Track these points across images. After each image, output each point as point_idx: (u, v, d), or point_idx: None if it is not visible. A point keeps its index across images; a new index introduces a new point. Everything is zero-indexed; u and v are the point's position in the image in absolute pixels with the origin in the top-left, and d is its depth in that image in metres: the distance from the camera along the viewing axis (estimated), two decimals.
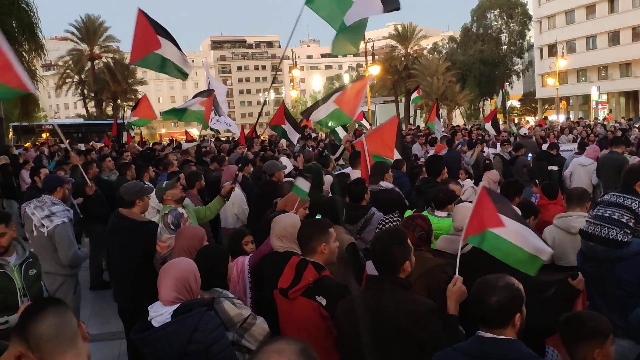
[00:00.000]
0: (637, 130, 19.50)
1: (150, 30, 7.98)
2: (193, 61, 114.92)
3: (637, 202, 4.11)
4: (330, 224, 3.86)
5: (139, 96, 62.66)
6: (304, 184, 5.49)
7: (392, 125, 8.56)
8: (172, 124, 76.53)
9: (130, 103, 60.48)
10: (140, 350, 3.25)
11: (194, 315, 3.13)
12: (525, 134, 15.90)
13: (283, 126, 11.97)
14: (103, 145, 18.95)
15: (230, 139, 25.59)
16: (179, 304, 3.18)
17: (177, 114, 10.72)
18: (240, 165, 8.07)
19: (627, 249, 4.02)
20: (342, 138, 12.93)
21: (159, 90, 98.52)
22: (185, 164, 9.75)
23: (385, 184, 6.78)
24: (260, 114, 10.31)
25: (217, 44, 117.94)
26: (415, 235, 4.00)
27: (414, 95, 22.15)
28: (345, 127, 11.84)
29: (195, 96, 10.79)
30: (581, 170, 10.28)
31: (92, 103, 59.85)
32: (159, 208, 5.94)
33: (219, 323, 3.26)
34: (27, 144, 26.41)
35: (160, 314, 3.19)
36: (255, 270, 4.42)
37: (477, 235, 3.59)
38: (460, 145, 13.69)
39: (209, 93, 10.81)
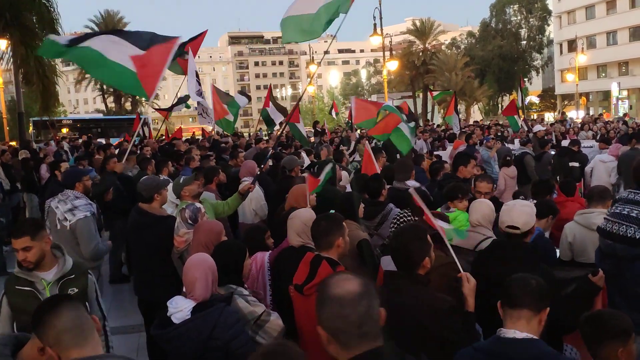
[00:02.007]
0: None
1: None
2: (211, 57, 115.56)
3: None
4: (343, 218, 3.87)
5: (158, 91, 63.11)
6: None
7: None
8: (190, 119, 76.91)
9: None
10: (159, 344, 3.29)
11: (213, 311, 3.15)
12: (538, 130, 15.68)
13: (297, 124, 12.00)
14: (122, 140, 19.12)
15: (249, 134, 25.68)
16: (197, 302, 3.22)
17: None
18: (261, 163, 8.11)
19: None
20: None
21: (176, 86, 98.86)
22: (205, 159, 9.82)
23: (412, 183, 6.78)
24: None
25: (234, 40, 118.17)
26: (430, 233, 4.00)
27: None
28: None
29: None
30: (601, 166, 10.18)
31: (111, 98, 60.31)
32: (177, 202, 5.98)
33: (237, 318, 3.28)
34: (58, 135, 26.69)
35: (180, 309, 3.22)
36: (272, 266, 4.44)
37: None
38: (485, 141, 13.58)
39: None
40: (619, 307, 3.93)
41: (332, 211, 4.71)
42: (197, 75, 10.81)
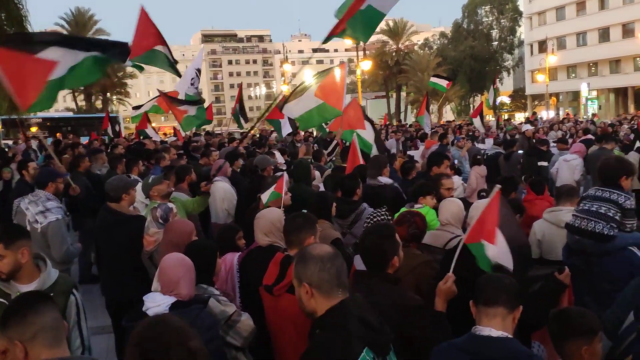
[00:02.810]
0: (626, 127, 19.61)
1: (153, 27, 8.06)
2: (184, 55, 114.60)
3: (623, 196, 4.15)
4: (315, 218, 3.88)
5: (129, 89, 62.34)
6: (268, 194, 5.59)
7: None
8: (162, 117, 76.13)
9: (120, 96, 60.10)
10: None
11: (191, 311, 3.13)
12: (516, 129, 15.98)
13: (281, 120, 11.93)
14: (90, 140, 18.84)
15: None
16: (176, 299, 3.20)
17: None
18: (232, 162, 8.11)
19: (612, 243, 4.06)
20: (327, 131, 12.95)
21: (148, 84, 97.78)
22: (177, 158, 9.74)
23: (384, 180, 6.81)
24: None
25: (207, 38, 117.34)
26: (410, 232, 4.03)
27: (442, 82, 20.47)
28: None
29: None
30: (565, 165, 10.34)
31: (82, 96, 59.40)
32: (147, 202, 5.92)
33: (214, 322, 3.27)
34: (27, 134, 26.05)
35: (157, 304, 3.19)
36: (240, 267, 4.40)
37: (474, 244, 3.54)
38: (456, 141, 13.72)
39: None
40: (587, 304, 4.01)
41: (305, 211, 4.73)
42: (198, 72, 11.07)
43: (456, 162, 11.60)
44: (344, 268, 2.48)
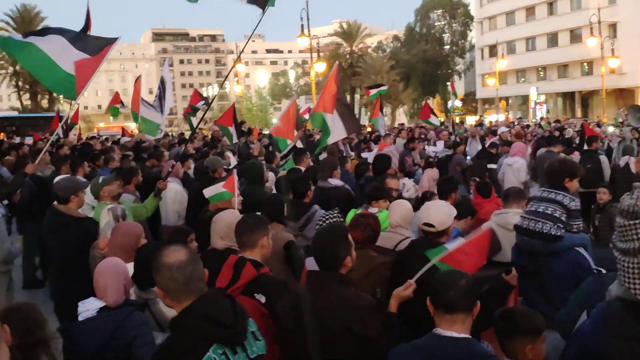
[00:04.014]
0: (571, 130, 20.23)
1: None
2: (133, 53, 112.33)
3: (568, 197, 4.25)
4: (267, 220, 3.86)
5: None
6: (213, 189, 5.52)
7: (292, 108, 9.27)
8: (111, 118, 74.53)
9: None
10: (64, 342, 3.23)
11: (119, 313, 3.16)
12: (502, 132, 16.25)
13: (229, 127, 11.85)
14: (34, 141, 18.27)
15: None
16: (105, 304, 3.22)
17: None
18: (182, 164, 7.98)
19: (560, 243, 4.15)
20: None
21: (97, 83, 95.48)
22: (124, 159, 9.53)
23: (335, 181, 6.81)
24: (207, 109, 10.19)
25: (158, 37, 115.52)
26: (365, 234, 4.03)
27: (374, 91, 21.00)
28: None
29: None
30: (509, 169, 10.56)
31: (27, 95, 57.61)
32: (94, 204, 5.77)
33: (144, 321, 3.27)
34: None
35: (87, 309, 3.20)
36: None
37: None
38: (410, 143, 13.88)
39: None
40: (536, 303, 4.09)
41: (259, 213, 4.69)
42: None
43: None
44: (196, 274, 2.49)
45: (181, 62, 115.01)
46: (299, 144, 9.81)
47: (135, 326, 3.16)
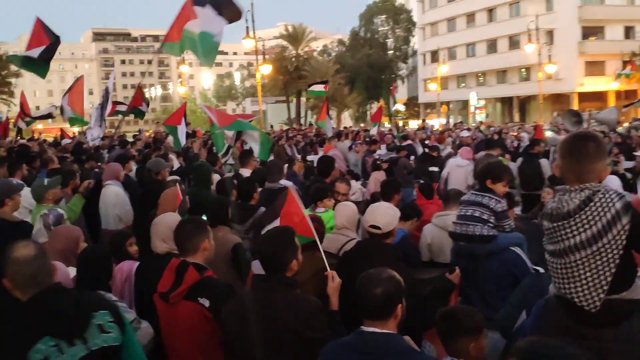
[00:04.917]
0: (512, 135, 20.85)
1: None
2: (73, 53, 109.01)
3: (494, 200, 4.36)
4: (206, 222, 3.80)
5: (13, 89, 58.44)
6: None
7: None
8: (49, 120, 71.96)
9: (4, 96, 56.13)
10: None
11: None
12: (464, 136, 16.56)
13: (178, 126, 11.65)
14: None
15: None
16: None
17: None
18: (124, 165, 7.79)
19: (495, 243, 4.25)
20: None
21: (35, 83, 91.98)
22: (63, 162, 9.24)
23: (285, 182, 6.80)
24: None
25: (99, 36, 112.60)
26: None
27: (319, 87, 20.92)
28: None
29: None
30: (458, 170, 10.79)
31: None
32: (31, 208, 5.56)
33: None
34: None
35: None
36: (136, 274, 4.24)
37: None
38: (354, 146, 14.03)
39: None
40: (474, 303, 4.19)
41: (204, 216, 4.63)
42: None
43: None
44: (44, 268, 2.68)
45: (122, 62, 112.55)
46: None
47: None
